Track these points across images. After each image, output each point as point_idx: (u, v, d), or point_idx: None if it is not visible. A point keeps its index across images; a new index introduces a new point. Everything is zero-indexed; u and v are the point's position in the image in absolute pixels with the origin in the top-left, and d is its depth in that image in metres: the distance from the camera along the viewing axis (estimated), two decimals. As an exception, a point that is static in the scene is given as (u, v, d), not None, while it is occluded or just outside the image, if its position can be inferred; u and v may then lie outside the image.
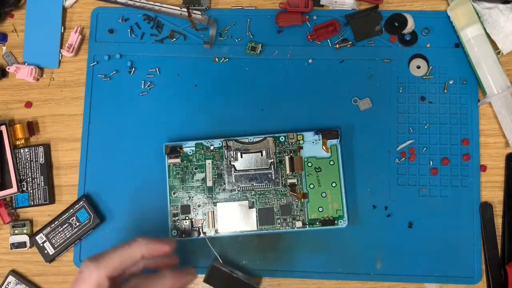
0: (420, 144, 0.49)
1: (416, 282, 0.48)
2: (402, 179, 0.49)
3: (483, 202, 0.48)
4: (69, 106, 0.51)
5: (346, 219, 0.46)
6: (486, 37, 0.48)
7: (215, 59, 0.51)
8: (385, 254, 0.48)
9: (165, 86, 0.51)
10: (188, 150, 0.48)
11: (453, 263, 0.47)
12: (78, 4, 0.53)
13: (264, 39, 0.51)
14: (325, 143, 0.47)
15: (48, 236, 0.48)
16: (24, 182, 0.49)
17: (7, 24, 0.53)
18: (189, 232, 0.47)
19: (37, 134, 0.51)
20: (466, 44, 0.48)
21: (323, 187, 0.47)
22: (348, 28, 0.51)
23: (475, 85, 0.49)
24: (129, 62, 0.51)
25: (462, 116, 0.49)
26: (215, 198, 0.47)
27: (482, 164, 0.49)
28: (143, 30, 0.52)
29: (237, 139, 0.48)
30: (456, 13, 0.49)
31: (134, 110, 0.51)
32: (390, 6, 0.51)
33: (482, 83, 0.48)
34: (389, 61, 0.50)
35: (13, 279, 0.49)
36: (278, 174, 0.47)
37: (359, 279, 0.48)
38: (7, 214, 0.49)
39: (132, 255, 0.38)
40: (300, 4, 0.50)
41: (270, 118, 0.50)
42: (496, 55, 0.48)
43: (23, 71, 0.51)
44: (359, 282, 0.48)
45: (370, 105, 0.50)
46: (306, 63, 0.50)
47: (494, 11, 0.48)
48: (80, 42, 0.52)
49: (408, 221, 0.48)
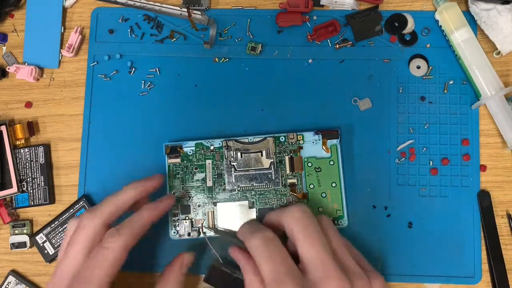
0: (420, 144, 0.49)
1: (416, 282, 0.48)
2: (402, 179, 0.49)
3: (481, 190, 0.48)
4: (69, 106, 0.52)
5: (346, 219, 0.47)
6: (477, 40, 0.48)
7: (215, 59, 0.51)
8: (385, 254, 0.48)
9: (165, 86, 0.51)
10: (188, 150, 0.48)
11: (453, 263, 0.47)
12: (78, 4, 0.53)
13: (264, 39, 0.51)
14: (325, 143, 0.47)
15: (48, 236, 0.48)
16: (24, 182, 0.49)
17: (7, 24, 0.53)
18: (189, 232, 0.47)
19: (37, 134, 0.51)
20: (456, 47, 0.48)
21: (323, 187, 0.47)
22: (348, 28, 0.51)
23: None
24: (129, 62, 0.51)
25: (462, 116, 0.49)
26: (215, 198, 0.47)
27: (482, 164, 0.49)
28: (143, 30, 0.52)
29: (237, 139, 0.48)
30: (444, 17, 0.49)
31: (134, 110, 0.51)
32: (390, 6, 0.51)
33: (475, 85, 0.48)
34: (389, 61, 0.50)
35: (13, 279, 0.49)
36: (278, 174, 0.47)
37: (359, 279, 0.48)
38: (7, 214, 0.49)
39: (124, 200, 0.41)
40: (300, 4, 0.50)
41: (270, 118, 0.50)
42: (487, 57, 0.48)
43: (23, 71, 0.51)
44: (359, 282, 0.48)
45: (370, 105, 0.50)
46: (306, 63, 0.51)
47: (493, 12, 0.48)
48: (80, 42, 0.52)
49: (408, 221, 0.48)
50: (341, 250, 0.40)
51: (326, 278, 0.36)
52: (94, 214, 0.40)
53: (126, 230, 0.40)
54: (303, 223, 0.39)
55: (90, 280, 0.37)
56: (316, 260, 0.37)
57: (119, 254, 0.38)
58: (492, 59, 0.49)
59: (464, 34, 0.48)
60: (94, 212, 0.40)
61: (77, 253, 0.39)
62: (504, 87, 0.48)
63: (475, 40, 0.48)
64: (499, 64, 0.50)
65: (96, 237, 0.39)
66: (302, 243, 0.38)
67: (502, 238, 0.48)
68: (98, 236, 0.39)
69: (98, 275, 0.37)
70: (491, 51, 0.50)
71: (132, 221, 0.41)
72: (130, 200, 0.42)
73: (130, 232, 0.40)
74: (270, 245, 0.38)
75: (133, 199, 0.42)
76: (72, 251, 0.39)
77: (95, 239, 0.39)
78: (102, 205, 0.41)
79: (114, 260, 0.38)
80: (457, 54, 0.49)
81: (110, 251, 0.38)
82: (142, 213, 0.42)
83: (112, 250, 0.38)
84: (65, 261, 0.39)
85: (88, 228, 0.39)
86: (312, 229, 0.38)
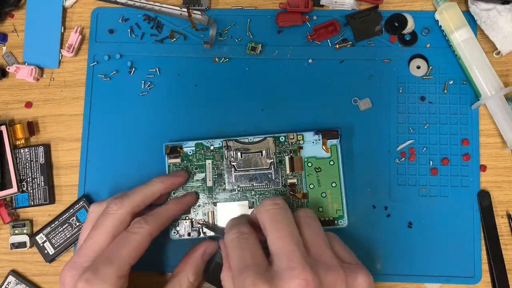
0: (420, 144, 0.49)
1: (416, 282, 0.48)
2: (402, 179, 0.49)
3: (481, 190, 0.48)
4: (69, 106, 0.51)
5: (346, 219, 0.47)
6: (477, 40, 0.48)
7: (215, 59, 0.51)
8: (385, 254, 0.48)
9: (165, 86, 0.51)
10: (188, 150, 0.48)
11: (453, 263, 0.47)
12: (78, 4, 0.53)
13: (264, 39, 0.51)
14: (325, 143, 0.47)
15: (48, 236, 0.48)
16: (24, 182, 0.49)
17: (7, 24, 0.53)
18: (189, 232, 0.47)
19: (37, 134, 0.51)
20: (456, 47, 0.48)
21: (323, 187, 0.47)
22: (348, 28, 0.51)
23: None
24: (129, 62, 0.51)
25: (462, 116, 0.49)
26: (215, 198, 0.47)
27: (482, 164, 0.49)
28: (143, 30, 0.52)
29: (237, 139, 0.48)
30: (444, 17, 0.49)
31: (134, 110, 0.51)
32: (390, 6, 0.51)
33: (475, 85, 0.48)
34: (389, 61, 0.50)
35: (13, 279, 0.49)
36: (278, 174, 0.47)
37: (359, 279, 0.48)
38: (7, 214, 0.49)
39: (152, 192, 0.43)
40: (300, 4, 0.50)
41: (270, 118, 0.50)
42: (487, 57, 0.48)
43: (23, 71, 0.51)
44: (359, 282, 0.48)
45: (370, 105, 0.50)
46: (306, 63, 0.51)
47: (492, 12, 0.48)
48: (80, 42, 0.52)
49: (408, 221, 0.48)
50: (316, 241, 0.38)
51: (288, 269, 0.35)
52: (124, 202, 0.41)
53: (153, 219, 0.42)
54: (272, 215, 0.39)
55: (114, 259, 0.38)
56: (282, 250, 0.36)
57: (145, 239, 0.40)
58: (492, 59, 0.49)
59: (464, 34, 0.48)
60: (124, 200, 0.42)
61: (103, 236, 0.40)
62: (504, 87, 0.48)
63: (475, 40, 0.48)
64: (499, 64, 0.50)
65: (122, 224, 0.41)
66: (269, 234, 0.38)
67: (502, 238, 0.48)
68: (124, 223, 0.41)
69: (122, 255, 0.39)
70: (491, 51, 0.50)
71: (159, 213, 0.43)
72: (158, 193, 0.44)
73: (156, 222, 0.42)
74: (242, 239, 0.38)
75: (160, 192, 0.44)
76: (97, 234, 0.40)
77: (121, 226, 0.41)
78: (132, 194, 0.42)
79: (139, 243, 0.40)
80: (457, 54, 0.49)
81: (137, 236, 0.40)
82: (168, 206, 0.44)
83: (139, 234, 0.40)
84: (89, 242, 0.40)
85: (117, 215, 0.41)
86: (281, 220, 0.38)
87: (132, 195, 0.42)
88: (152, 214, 0.42)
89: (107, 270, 0.38)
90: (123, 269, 0.39)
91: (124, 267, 0.39)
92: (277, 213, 0.39)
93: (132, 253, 0.40)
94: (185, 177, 0.47)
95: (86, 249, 0.40)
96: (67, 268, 0.40)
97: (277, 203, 0.40)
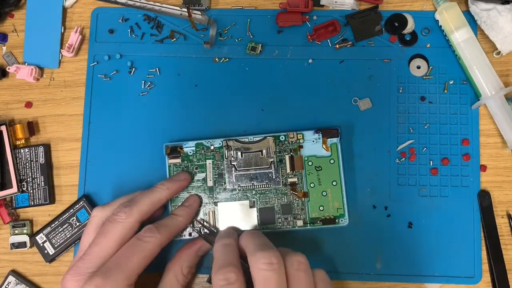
0: (420, 144, 0.49)
1: (416, 282, 0.48)
2: (402, 179, 0.49)
3: (481, 190, 0.48)
4: (69, 106, 0.51)
5: (347, 217, 0.46)
6: (477, 40, 0.48)
7: (215, 59, 0.51)
8: (385, 254, 0.48)
9: (165, 86, 0.51)
10: (189, 150, 0.48)
11: (453, 263, 0.47)
12: (78, 4, 0.53)
13: (264, 39, 0.51)
14: (325, 141, 0.47)
15: (48, 236, 0.48)
16: (24, 182, 0.49)
17: (7, 24, 0.53)
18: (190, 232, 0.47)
19: (37, 134, 0.51)
20: (456, 47, 0.49)
21: (324, 186, 0.47)
22: (348, 28, 0.51)
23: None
24: (129, 62, 0.51)
25: (462, 116, 0.49)
26: (216, 198, 0.47)
27: (482, 164, 0.49)
28: (143, 30, 0.52)
29: (237, 138, 0.48)
30: (444, 17, 0.49)
31: (134, 110, 0.51)
32: (390, 6, 0.51)
33: (475, 85, 0.48)
34: (389, 61, 0.50)
35: (13, 279, 0.49)
36: (279, 173, 0.47)
37: (359, 279, 0.48)
38: (7, 214, 0.49)
39: (159, 199, 0.44)
40: (300, 4, 0.50)
41: (270, 118, 0.50)
42: (487, 57, 0.48)
43: (23, 71, 0.51)
44: (359, 282, 0.48)
45: (370, 105, 0.50)
46: (306, 63, 0.51)
47: (493, 12, 0.48)
48: (80, 42, 0.52)
49: (408, 221, 0.48)
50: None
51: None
52: (132, 210, 0.41)
53: (165, 230, 0.42)
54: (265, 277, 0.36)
55: (125, 266, 0.39)
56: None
57: (156, 249, 0.41)
58: (492, 59, 0.49)
59: (464, 34, 0.48)
60: (132, 208, 0.42)
61: (110, 244, 0.40)
62: (504, 87, 0.48)
63: (475, 40, 0.48)
64: (499, 64, 0.50)
65: (130, 232, 0.41)
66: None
67: (502, 238, 0.48)
68: (132, 231, 0.41)
69: (132, 263, 0.39)
70: (491, 51, 0.50)
71: (170, 224, 0.43)
72: (164, 199, 0.44)
73: (168, 233, 0.42)
74: (225, 247, 0.40)
75: (167, 199, 0.45)
76: (104, 241, 0.40)
77: (129, 234, 0.41)
78: (139, 202, 0.42)
79: (149, 252, 0.40)
80: (457, 54, 0.49)
81: (149, 245, 0.40)
82: (179, 219, 0.45)
83: (151, 244, 0.40)
84: (95, 248, 0.40)
85: (126, 223, 0.41)
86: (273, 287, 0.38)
87: (140, 203, 0.42)
88: (164, 224, 0.43)
89: (118, 277, 0.38)
90: (132, 277, 0.39)
91: (133, 275, 0.39)
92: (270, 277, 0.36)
93: (142, 262, 0.40)
94: (189, 180, 0.47)
95: (91, 255, 0.40)
96: (70, 273, 0.39)
97: (271, 264, 0.36)
